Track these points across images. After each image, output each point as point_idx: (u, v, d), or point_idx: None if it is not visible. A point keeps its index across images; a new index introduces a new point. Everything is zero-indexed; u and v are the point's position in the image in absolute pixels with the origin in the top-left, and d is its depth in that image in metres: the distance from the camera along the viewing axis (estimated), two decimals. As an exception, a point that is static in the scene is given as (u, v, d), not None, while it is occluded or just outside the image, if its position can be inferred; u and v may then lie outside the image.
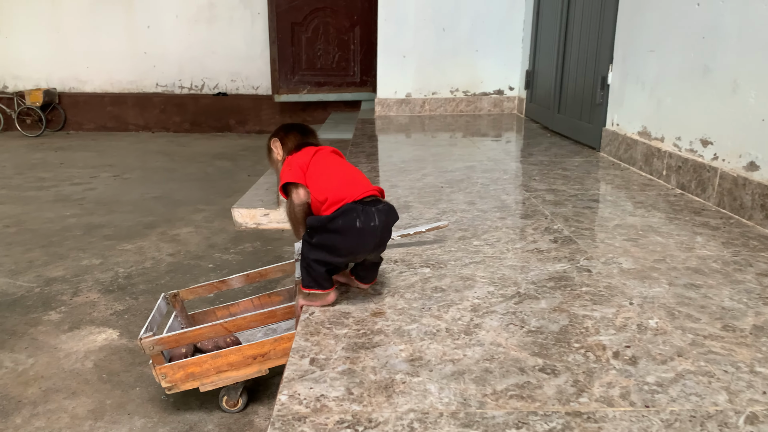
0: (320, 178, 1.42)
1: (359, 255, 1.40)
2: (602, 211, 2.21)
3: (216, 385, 1.68)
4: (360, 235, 1.34)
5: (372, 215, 1.35)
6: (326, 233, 1.36)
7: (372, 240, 1.36)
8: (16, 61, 7.29)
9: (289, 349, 1.67)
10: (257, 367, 1.69)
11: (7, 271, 2.87)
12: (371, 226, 1.34)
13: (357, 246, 1.37)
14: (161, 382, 1.66)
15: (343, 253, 1.37)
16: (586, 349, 1.19)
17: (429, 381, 1.09)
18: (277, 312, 1.70)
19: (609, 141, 3.16)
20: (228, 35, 7.12)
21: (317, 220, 1.38)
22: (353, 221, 1.33)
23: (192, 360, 1.66)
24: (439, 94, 5.15)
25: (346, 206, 1.35)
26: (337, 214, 1.35)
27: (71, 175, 5.01)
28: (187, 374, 1.67)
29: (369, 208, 1.36)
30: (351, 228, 1.34)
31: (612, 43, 3.13)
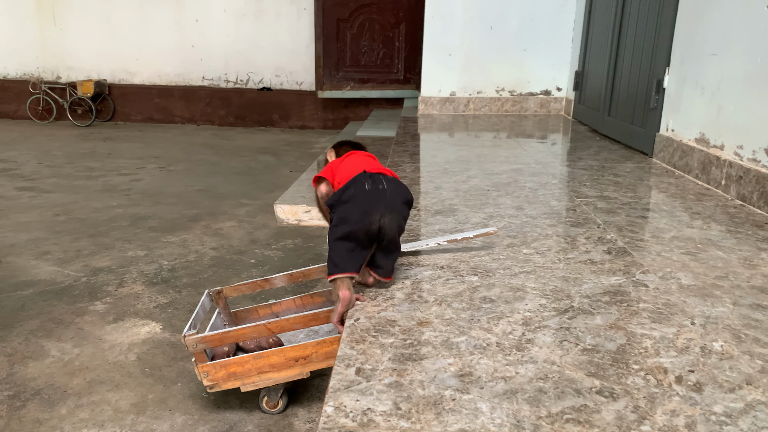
0: (344, 168, 1.55)
1: (372, 216, 1.42)
2: (657, 221, 2.11)
3: (257, 385, 1.67)
4: (370, 197, 1.43)
5: (380, 180, 1.46)
6: (341, 205, 1.45)
7: (382, 201, 1.43)
8: (69, 53, 7.49)
9: (331, 353, 1.65)
10: (299, 370, 1.67)
11: (56, 260, 2.93)
12: (379, 189, 1.44)
13: (369, 206, 1.42)
14: (203, 380, 1.66)
15: (358, 216, 1.42)
16: (646, 372, 1.13)
17: (480, 399, 1.04)
18: (320, 315, 1.67)
19: (663, 147, 3.04)
20: (274, 30, 7.17)
21: (334, 196, 1.48)
22: (362, 186, 1.44)
23: (234, 359, 1.66)
24: (484, 94, 5.07)
25: (356, 176, 1.46)
26: (348, 185, 1.46)
27: (119, 166, 5.11)
28: (228, 373, 1.66)
29: (377, 175, 1.48)
30: (361, 192, 1.43)
31: (670, 45, 3.00)
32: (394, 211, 1.44)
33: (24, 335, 2.19)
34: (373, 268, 1.49)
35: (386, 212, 1.43)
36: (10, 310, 2.40)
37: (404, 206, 1.49)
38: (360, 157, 1.63)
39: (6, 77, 7.65)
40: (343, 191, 1.46)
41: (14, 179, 4.59)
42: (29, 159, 5.35)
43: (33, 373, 1.95)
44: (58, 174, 4.79)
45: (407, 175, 2.82)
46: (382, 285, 1.53)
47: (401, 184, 1.51)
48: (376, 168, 1.53)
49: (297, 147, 6.19)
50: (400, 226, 1.49)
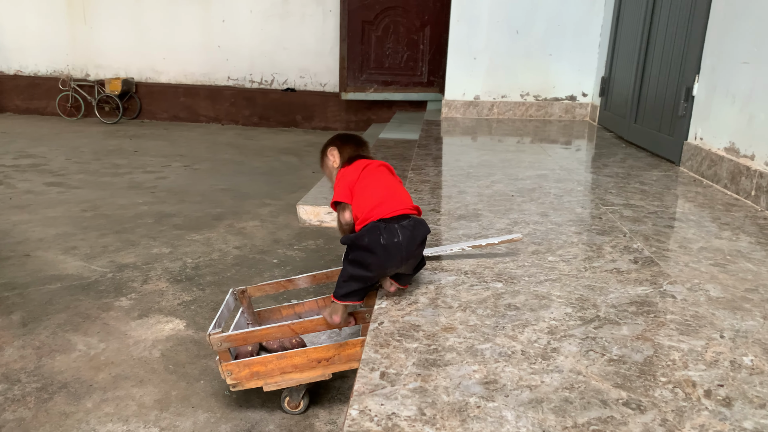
0: (362, 195, 1.54)
1: (389, 270, 1.46)
2: (684, 231, 2.09)
3: (279, 385, 1.68)
4: (386, 251, 1.43)
5: (395, 232, 1.44)
6: (358, 250, 1.46)
7: (398, 255, 1.44)
8: (98, 51, 7.61)
9: (353, 356, 1.66)
10: (321, 371, 1.68)
11: (83, 255, 2.98)
12: (394, 242, 1.43)
13: (385, 261, 1.44)
14: (226, 378, 1.68)
15: (373, 268, 1.44)
16: (674, 385, 1.12)
17: (505, 407, 1.04)
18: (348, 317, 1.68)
19: (691, 155, 3.00)
20: (299, 31, 7.21)
21: (348, 238, 1.50)
22: (377, 238, 1.43)
23: (258, 359, 1.67)
24: (508, 98, 5.05)
25: (370, 224, 1.46)
26: (363, 232, 1.46)
27: (144, 163, 5.18)
28: (252, 373, 1.67)
29: (392, 225, 1.45)
30: (377, 245, 1.43)
31: (700, 53, 2.97)
32: (410, 258, 1.47)
33: (51, 329, 2.23)
34: (396, 279, 1.51)
35: (402, 263, 1.46)
36: (39, 303, 2.44)
37: (420, 246, 1.50)
38: (379, 177, 1.59)
39: (37, 74, 7.80)
40: (357, 237, 1.47)
41: (43, 174, 4.68)
42: (58, 155, 5.45)
43: (60, 367, 1.98)
44: (85, 170, 4.87)
45: (430, 178, 2.82)
46: (404, 290, 1.53)
47: (418, 224, 1.49)
48: (393, 207, 1.49)
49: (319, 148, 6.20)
50: (416, 263, 1.52)
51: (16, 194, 4.08)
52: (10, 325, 2.25)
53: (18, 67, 7.82)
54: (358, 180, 1.57)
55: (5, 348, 2.09)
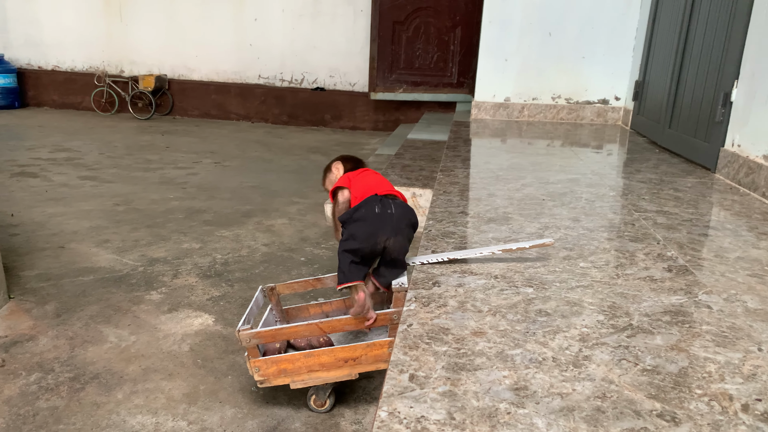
0: (361, 182, 1.76)
1: (380, 237, 1.62)
2: (721, 240, 2.04)
3: (306, 383, 1.69)
4: (379, 219, 1.62)
5: (389, 204, 1.65)
6: (352, 223, 1.64)
7: (389, 224, 1.62)
8: (133, 48, 7.76)
9: (380, 356, 1.66)
10: (348, 371, 1.68)
11: (115, 249, 3.03)
12: (388, 213, 1.63)
13: (375, 229, 1.62)
14: (254, 375, 1.69)
15: (365, 236, 1.61)
16: (710, 398, 1.09)
17: (535, 414, 1.03)
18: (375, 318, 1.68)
19: (727, 162, 2.94)
20: (330, 31, 7.25)
21: (346, 213, 1.67)
22: (372, 208, 1.63)
23: (286, 356, 1.68)
24: (539, 100, 5.00)
25: (367, 198, 1.66)
26: (360, 205, 1.65)
27: (176, 159, 5.26)
28: (279, 370, 1.69)
29: (387, 199, 1.67)
30: (371, 213, 1.62)
31: (740, 58, 2.90)
32: (399, 234, 1.63)
33: (84, 320, 2.28)
34: (375, 276, 1.70)
35: (392, 235, 1.62)
36: (72, 294, 2.50)
37: (409, 229, 1.67)
38: (374, 174, 1.83)
39: (73, 70, 7.98)
40: (354, 210, 1.65)
41: (78, 168, 4.78)
42: (92, 149, 5.57)
43: (92, 357, 2.02)
44: (118, 165, 4.96)
45: (459, 180, 2.80)
46: (433, 292, 1.53)
47: (408, 207, 1.70)
48: (387, 189, 1.72)
49: (348, 148, 6.23)
50: (404, 247, 1.67)
51: (52, 187, 4.18)
52: (44, 315, 2.31)
53: (56, 63, 8.00)
54: (356, 174, 1.80)
55: (40, 338, 2.14)
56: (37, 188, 4.13)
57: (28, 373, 1.92)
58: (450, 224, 2.10)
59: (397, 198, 1.73)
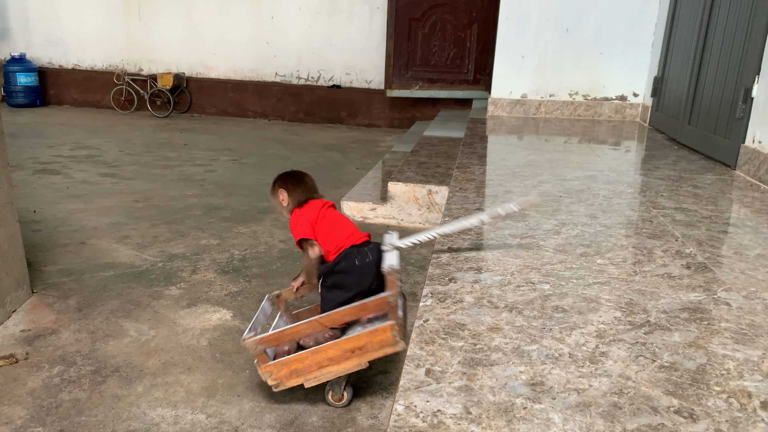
0: (327, 231, 1.83)
1: (364, 286, 1.78)
2: (740, 237, 2.02)
3: (319, 380, 1.70)
4: (361, 271, 1.77)
5: (366, 253, 1.78)
6: (335, 275, 1.79)
7: (371, 272, 1.77)
8: (152, 46, 7.83)
9: (385, 341, 1.65)
10: (356, 361, 1.68)
11: (135, 244, 3.08)
12: (367, 261, 1.77)
13: (360, 279, 1.77)
14: (267, 380, 1.71)
15: (351, 287, 1.78)
16: (728, 395, 1.09)
17: (552, 410, 1.03)
18: (368, 305, 1.68)
19: (748, 159, 2.90)
20: (346, 28, 7.26)
21: (327, 267, 1.81)
22: (353, 261, 1.77)
23: (293, 357, 1.69)
24: (556, 97, 4.98)
25: (345, 251, 1.79)
26: (339, 258, 1.79)
27: (194, 156, 5.31)
28: (290, 371, 1.70)
29: (362, 248, 1.80)
30: (352, 267, 1.77)
31: (761, 54, 2.86)
32: (379, 274, 1.74)
33: (105, 314, 2.32)
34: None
35: (375, 279, 1.77)
36: (93, 289, 2.54)
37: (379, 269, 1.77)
38: (333, 215, 1.89)
39: (93, 68, 8.08)
40: (335, 263, 1.78)
41: (98, 165, 4.84)
42: (112, 147, 5.64)
43: (113, 351, 2.06)
44: (137, 162, 5.02)
45: (476, 177, 2.80)
46: (449, 288, 1.53)
47: (377, 245, 1.81)
48: (357, 236, 1.84)
49: (364, 145, 6.25)
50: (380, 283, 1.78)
51: (73, 184, 4.24)
52: (66, 310, 2.35)
53: (76, 62, 8.11)
54: (318, 219, 1.85)
55: (62, 331, 2.18)
56: (58, 185, 4.20)
57: (51, 366, 1.95)
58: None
59: (369, 241, 1.85)
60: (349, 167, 5.12)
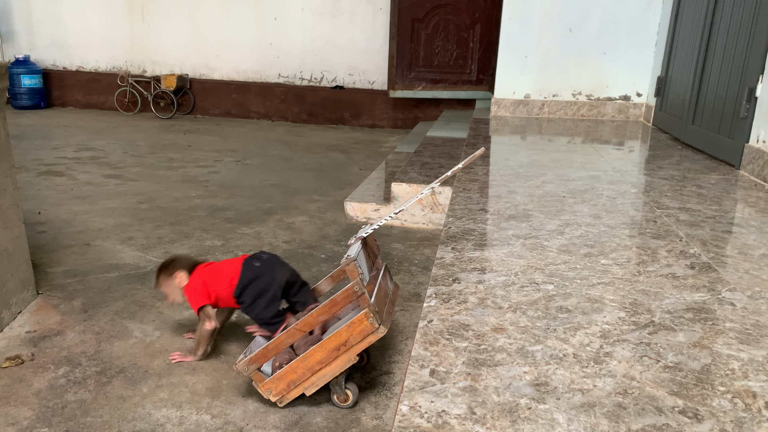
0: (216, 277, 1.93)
1: (280, 278, 1.88)
2: (745, 237, 2.02)
3: (317, 385, 1.70)
4: (264, 267, 1.89)
5: (257, 255, 1.94)
6: (248, 288, 1.87)
7: (276, 263, 1.92)
8: (155, 48, 7.85)
9: (364, 330, 1.63)
10: (345, 357, 1.67)
11: (140, 246, 3.09)
12: (264, 259, 1.92)
13: (271, 273, 1.88)
14: (270, 397, 1.72)
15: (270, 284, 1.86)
16: (733, 395, 1.09)
17: (556, 410, 1.03)
18: (337, 299, 1.67)
19: (752, 159, 2.90)
20: (349, 29, 7.26)
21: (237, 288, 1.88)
22: (252, 265, 1.90)
23: (285, 369, 1.69)
24: (559, 97, 4.97)
25: (242, 264, 1.91)
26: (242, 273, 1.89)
27: (197, 158, 5.32)
28: (288, 383, 1.70)
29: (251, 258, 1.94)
30: (255, 269, 1.89)
31: (764, 53, 2.86)
32: (284, 266, 1.92)
33: (110, 315, 2.32)
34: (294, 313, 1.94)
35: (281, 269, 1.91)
36: (98, 290, 2.54)
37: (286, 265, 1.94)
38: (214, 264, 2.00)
39: (97, 70, 8.10)
40: (241, 279, 1.87)
41: (102, 167, 4.86)
42: (116, 148, 5.65)
43: (118, 352, 2.06)
44: (141, 163, 5.03)
45: (479, 177, 2.80)
46: (453, 289, 1.54)
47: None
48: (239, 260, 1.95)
49: (367, 145, 6.25)
50: (294, 271, 1.94)
51: (77, 185, 4.26)
52: (72, 311, 2.36)
53: (80, 63, 8.13)
54: (203, 278, 1.94)
55: (68, 332, 2.19)
56: (63, 186, 4.21)
57: (57, 367, 1.96)
58: (470, 221, 2.10)
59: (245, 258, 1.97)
60: (353, 168, 5.12)
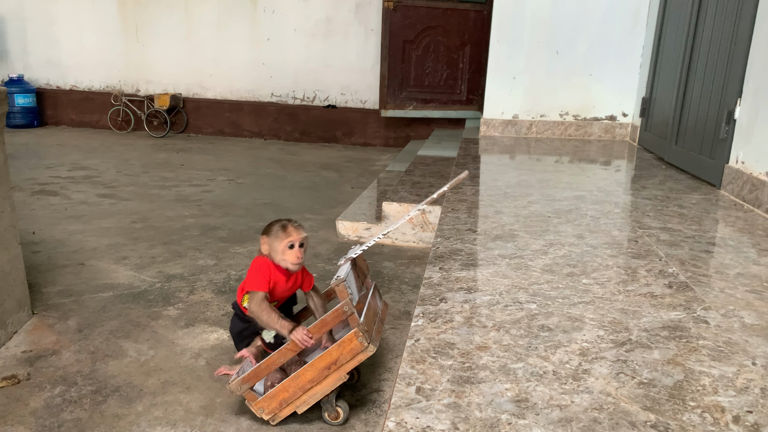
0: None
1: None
2: (722, 256, 2.09)
3: (308, 403, 1.75)
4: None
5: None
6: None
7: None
8: (149, 67, 7.93)
9: (354, 349, 1.67)
10: (336, 376, 1.72)
11: (133, 265, 3.13)
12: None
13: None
14: (262, 416, 1.76)
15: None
16: (702, 410, 1.15)
17: (535, 425, 1.09)
18: (327, 319, 1.73)
19: (732, 179, 2.99)
20: (342, 50, 7.38)
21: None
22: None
23: (277, 388, 1.74)
24: (547, 117, 5.07)
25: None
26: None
27: (191, 177, 5.37)
28: (280, 402, 1.75)
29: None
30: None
31: (743, 76, 2.96)
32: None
33: (105, 335, 2.36)
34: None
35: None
36: (93, 310, 2.58)
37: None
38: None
39: (91, 89, 8.17)
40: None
41: (96, 186, 4.90)
42: (109, 167, 5.70)
43: (113, 371, 2.10)
44: (135, 183, 5.08)
45: (467, 197, 2.87)
46: (439, 308, 1.59)
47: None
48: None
49: (359, 164, 6.33)
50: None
51: (71, 205, 4.30)
52: (67, 330, 2.39)
53: (74, 83, 8.20)
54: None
55: (63, 352, 2.22)
56: (56, 206, 4.25)
57: (53, 386, 2.00)
58: (457, 241, 2.17)
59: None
60: (345, 186, 5.19)
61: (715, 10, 3.35)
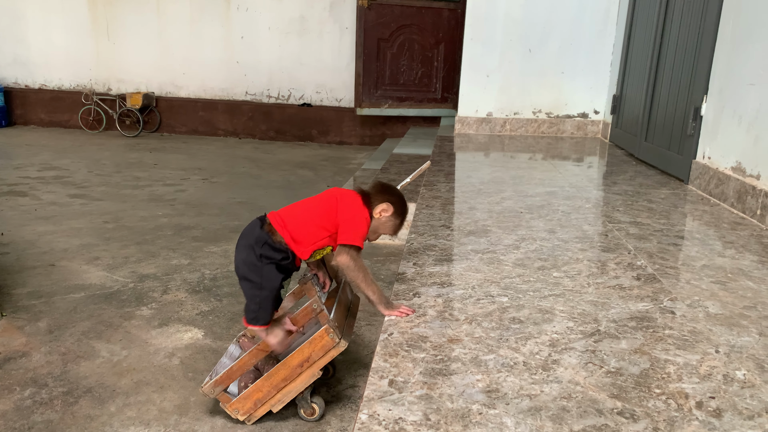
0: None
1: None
2: (689, 249, 2.14)
3: (284, 402, 1.75)
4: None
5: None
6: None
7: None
8: (120, 66, 7.82)
9: (326, 345, 1.67)
10: (309, 373, 1.72)
11: (106, 266, 3.09)
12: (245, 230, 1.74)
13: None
14: (237, 417, 1.76)
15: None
16: (667, 396, 1.18)
17: (505, 414, 1.11)
18: (297, 317, 1.74)
19: (699, 174, 3.05)
20: (316, 48, 7.36)
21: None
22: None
23: (251, 388, 1.74)
24: (521, 115, 5.13)
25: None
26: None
27: (164, 176, 5.31)
28: (254, 402, 1.75)
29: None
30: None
31: (708, 74, 3.03)
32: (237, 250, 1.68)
33: (76, 336, 2.33)
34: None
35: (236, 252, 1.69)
36: (64, 311, 2.55)
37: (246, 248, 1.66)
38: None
39: (61, 88, 8.02)
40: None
41: (67, 186, 4.82)
42: (80, 167, 5.61)
43: (85, 372, 2.07)
44: (107, 182, 5.01)
45: (442, 194, 2.89)
46: (413, 303, 1.61)
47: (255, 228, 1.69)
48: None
49: (335, 162, 6.32)
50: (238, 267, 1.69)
51: (41, 206, 4.22)
52: (37, 332, 2.36)
53: (43, 81, 8.04)
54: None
55: (33, 354, 2.19)
56: (26, 207, 4.17)
57: (23, 389, 1.97)
58: (431, 237, 2.18)
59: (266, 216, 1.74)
60: (321, 185, 5.18)
61: (681, 9, 3.42)
